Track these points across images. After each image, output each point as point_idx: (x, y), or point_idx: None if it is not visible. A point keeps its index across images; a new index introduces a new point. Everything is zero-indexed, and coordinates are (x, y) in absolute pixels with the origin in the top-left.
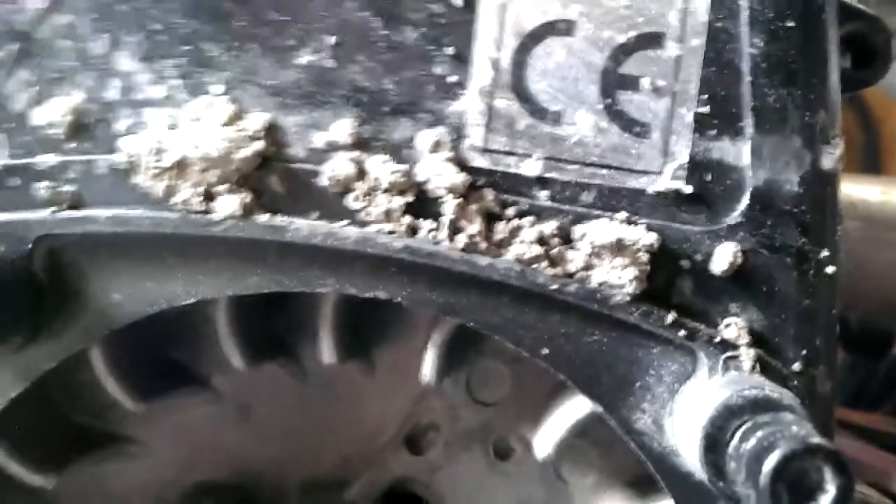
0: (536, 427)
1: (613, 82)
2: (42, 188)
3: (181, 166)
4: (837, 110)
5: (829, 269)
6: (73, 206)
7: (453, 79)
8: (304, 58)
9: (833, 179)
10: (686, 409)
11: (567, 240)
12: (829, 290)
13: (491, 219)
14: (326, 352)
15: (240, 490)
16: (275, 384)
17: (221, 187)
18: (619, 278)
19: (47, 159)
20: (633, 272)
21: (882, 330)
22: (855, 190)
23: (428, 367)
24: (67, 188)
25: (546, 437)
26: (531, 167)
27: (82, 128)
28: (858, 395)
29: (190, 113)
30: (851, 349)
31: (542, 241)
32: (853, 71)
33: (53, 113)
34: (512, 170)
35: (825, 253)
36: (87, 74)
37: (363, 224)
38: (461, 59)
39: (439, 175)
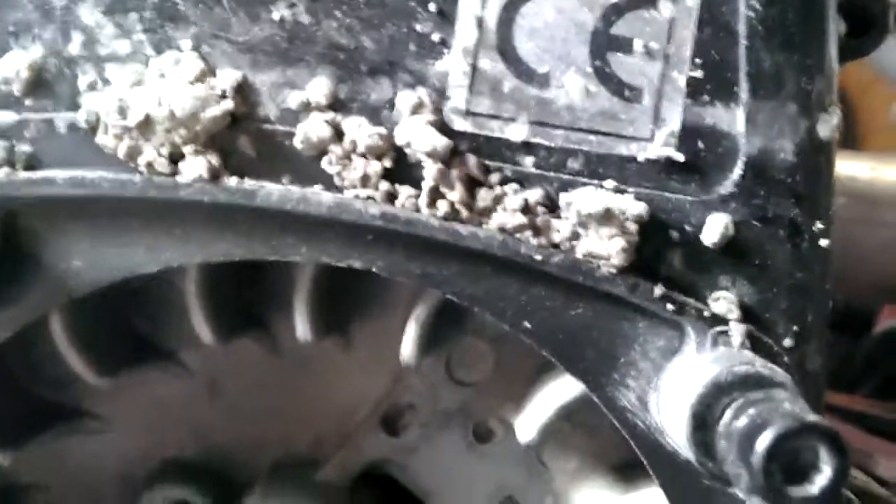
0: (519, 409)
1: (604, 43)
2: None
3: (145, 125)
4: (835, 77)
5: (823, 243)
6: (29, 167)
7: (436, 37)
8: (278, 12)
9: (829, 149)
10: (673, 385)
11: (552, 208)
12: (823, 264)
13: (473, 185)
14: (301, 327)
15: (209, 468)
16: (246, 359)
17: (188, 148)
18: (605, 249)
19: (3, 117)
20: (620, 243)
21: (863, 310)
22: (842, 166)
23: (407, 344)
24: (24, 148)
25: (529, 420)
26: (516, 131)
27: (41, 84)
28: (838, 376)
29: (156, 69)
30: (832, 328)
31: (526, 209)
32: (848, 39)
33: (10, 68)
34: (496, 134)
35: (819, 225)
36: (47, 28)
37: (338, 189)
38: (445, 17)
39: (420, 139)
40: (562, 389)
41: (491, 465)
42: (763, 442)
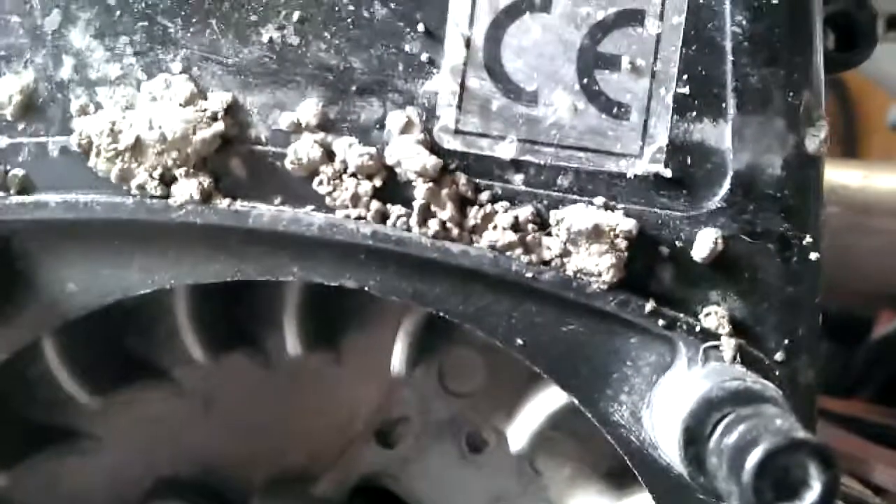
0: (510, 418)
1: (591, 61)
2: None
3: (137, 148)
4: (822, 91)
5: (813, 256)
6: (22, 191)
7: (424, 57)
8: (267, 34)
9: (817, 163)
10: (665, 401)
11: (543, 226)
12: (813, 278)
13: (464, 204)
14: (291, 342)
15: (204, 486)
16: (239, 376)
17: (179, 171)
18: (596, 266)
19: None
20: (610, 259)
21: (860, 317)
22: (834, 174)
23: (398, 356)
24: (17, 172)
25: (520, 429)
26: (506, 150)
27: (33, 108)
28: (836, 382)
29: (147, 92)
30: (829, 337)
31: (516, 227)
32: (836, 52)
33: (2, 93)
34: (486, 152)
35: (808, 239)
36: (38, 52)
37: (330, 209)
38: (433, 37)
39: (410, 158)
40: (552, 397)
41: (485, 474)
42: (753, 459)
